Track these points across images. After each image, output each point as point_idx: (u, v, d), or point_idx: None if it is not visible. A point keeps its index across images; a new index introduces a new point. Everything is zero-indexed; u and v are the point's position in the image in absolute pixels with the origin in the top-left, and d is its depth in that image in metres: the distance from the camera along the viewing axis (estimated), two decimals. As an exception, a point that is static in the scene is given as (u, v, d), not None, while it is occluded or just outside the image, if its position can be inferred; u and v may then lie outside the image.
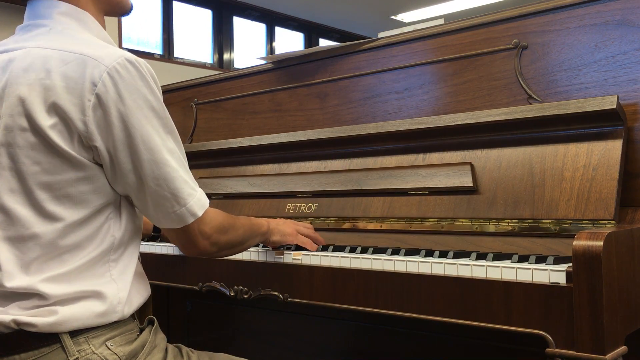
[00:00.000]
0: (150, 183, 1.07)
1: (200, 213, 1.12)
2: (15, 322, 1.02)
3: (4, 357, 1.03)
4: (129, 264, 1.14)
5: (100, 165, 1.07)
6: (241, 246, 1.31)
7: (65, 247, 1.05)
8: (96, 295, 1.06)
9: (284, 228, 1.43)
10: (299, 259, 1.38)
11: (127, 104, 1.04)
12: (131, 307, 1.12)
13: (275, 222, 1.43)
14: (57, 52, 1.05)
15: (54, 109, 1.02)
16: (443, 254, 1.23)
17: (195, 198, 1.11)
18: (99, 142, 1.04)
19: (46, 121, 1.02)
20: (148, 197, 1.09)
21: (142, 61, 1.08)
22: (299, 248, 1.43)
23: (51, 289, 1.03)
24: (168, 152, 1.09)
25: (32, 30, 1.13)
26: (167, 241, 1.76)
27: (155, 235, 1.74)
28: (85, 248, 1.07)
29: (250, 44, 7.34)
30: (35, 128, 1.03)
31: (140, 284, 1.18)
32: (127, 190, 1.10)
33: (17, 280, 1.03)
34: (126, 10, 1.26)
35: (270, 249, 1.45)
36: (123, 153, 1.05)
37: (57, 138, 1.03)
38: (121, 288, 1.10)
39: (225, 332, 2.11)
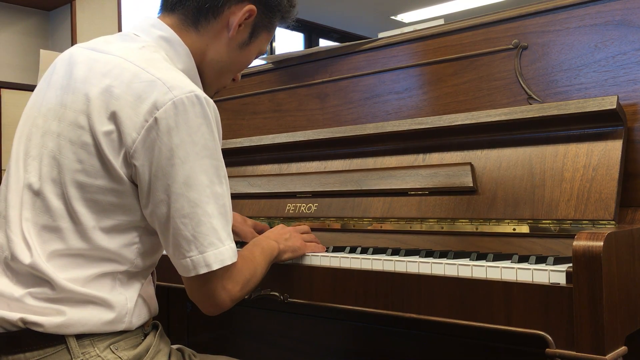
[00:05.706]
0: (176, 219, 1.04)
1: (215, 267, 1.05)
2: (23, 320, 1.03)
3: (9, 355, 1.04)
4: (139, 282, 1.15)
5: (135, 185, 1.07)
6: (254, 287, 1.22)
7: (81, 251, 1.07)
8: (104, 303, 1.07)
9: (292, 243, 1.38)
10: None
11: (181, 136, 1.03)
12: (140, 319, 1.13)
13: (277, 235, 1.38)
14: (137, 68, 1.07)
15: (114, 117, 1.04)
16: (443, 255, 1.23)
17: (217, 250, 1.05)
18: (140, 162, 1.03)
19: (102, 126, 1.04)
20: (170, 233, 1.05)
21: (211, 102, 1.07)
22: None
23: (62, 282, 1.04)
24: (212, 196, 1.05)
25: (127, 41, 1.15)
26: None
27: None
28: (102, 261, 1.08)
29: (250, 44, 7.33)
30: (91, 129, 1.05)
31: (148, 297, 1.18)
32: (154, 221, 1.07)
33: (38, 260, 1.05)
34: (216, 89, 1.30)
35: None
36: (161, 181, 1.03)
37: (106, 145, 1.04)
38: (129, 298, 1.11)
39: (225, 332, 2.11)
